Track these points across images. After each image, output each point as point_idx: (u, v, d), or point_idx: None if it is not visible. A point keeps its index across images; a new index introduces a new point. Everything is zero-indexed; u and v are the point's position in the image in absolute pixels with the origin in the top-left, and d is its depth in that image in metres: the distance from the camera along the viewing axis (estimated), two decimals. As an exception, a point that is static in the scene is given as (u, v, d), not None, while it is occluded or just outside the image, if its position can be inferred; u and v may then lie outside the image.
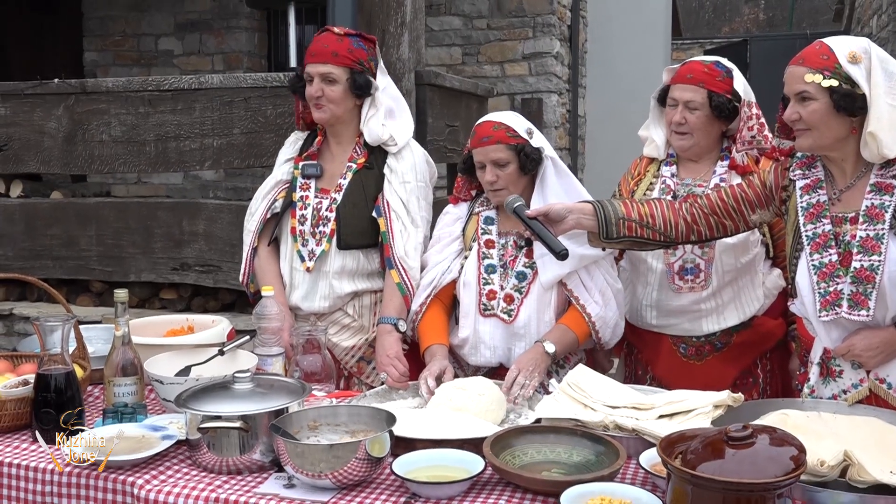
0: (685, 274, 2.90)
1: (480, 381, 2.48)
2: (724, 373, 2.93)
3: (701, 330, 2.94)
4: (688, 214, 2.62)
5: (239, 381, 2.21)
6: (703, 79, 2.88)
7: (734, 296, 2.91)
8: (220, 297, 4.90)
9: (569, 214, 2.62)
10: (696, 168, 2.98)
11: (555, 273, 2.76)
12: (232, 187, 8.14)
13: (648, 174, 3.05)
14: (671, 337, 2.99)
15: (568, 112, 9.00)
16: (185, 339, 2.84)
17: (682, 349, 2.99)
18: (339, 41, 2.97)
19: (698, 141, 2.92)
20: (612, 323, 2.83)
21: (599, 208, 2.63)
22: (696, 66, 2.92)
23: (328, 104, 2.97)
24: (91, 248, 4.94)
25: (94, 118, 4.84)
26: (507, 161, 2.78)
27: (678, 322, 2.96)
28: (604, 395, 2.33)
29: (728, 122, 2.92)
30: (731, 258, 2.86)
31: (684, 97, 2.89)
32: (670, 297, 2.94)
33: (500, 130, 2.79)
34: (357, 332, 3.05)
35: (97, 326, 3.17)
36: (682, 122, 2.90)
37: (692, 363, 2.98)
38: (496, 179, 2.79)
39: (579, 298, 2.79)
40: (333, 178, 3.05)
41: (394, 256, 2.93)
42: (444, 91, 4.83)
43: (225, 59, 8.54)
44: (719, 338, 2.95)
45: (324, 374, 2.66)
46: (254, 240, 3.09)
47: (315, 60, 2.95)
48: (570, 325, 2.77)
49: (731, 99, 2.87)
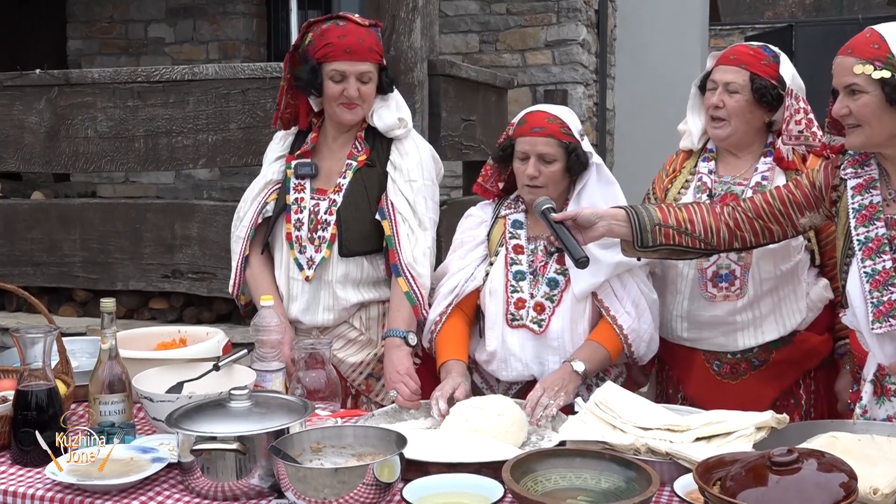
0: (719, 281, 2.89)
1: (499, 400, 2.48)
2: (761, 393, 2.90)
3: (736, 345, 2.93)
4: (730, 219, 2.61)
5: (235, 398, 2.22)
6: (746, 60, 2.87)
7: (773, 307, 2.89)
8: (215, 307, 4.92)
9: (599, 221, 2.62)
10: (737, 163, 2.97)
11: (588, 282, 2.76)
12: (228, 187, 8.17)
13: (684, 171, 3.04)
14: (704, 352, 2.98)
15: (595, 105, 8.99)
16: (176, 352, 2.85)
17: (715, 366, 2.97)
18: (368, 34, 2.96)
19: (736, 129, 2.90)
20: (646, 336, 2.83)
21: (633, 214, 2.62)
22: (740, 48, 2.93)
23: (362, 104, 2.98)
24: (75, 254, 4.97)
25: (79, 112, 4.87)
26: (555, 158, 2.78)
27: (711, 335, 2.95)
28: (635, 416, 2.33)
29: (771, 112, 2.91)
30: (769, 265, 2.85)
31: (724, 78, 2.88)
32: (703, 306, 2.92)
33: (556, 124, 2.80)
34: (364, 346, 3.05)
35: (81, 339, 3.18)
36: (720, 106, 2.88)
37: (726, 382, 2.96)
38: (538, 175, 2.79)
39: (610, 309, 2.78)
40: (331, 178, 3.05)
41: (401, 263, 2.93)
42: (460, 82, 4.84)
43: (221, 48, 8.57)
44: (757, 354, 2.93)
45: (328, 392, 2.66)
46: (244, 247, 3.09)
47: (353, 58, 2.91)
48: (601, 340, 2.77)
49: (775, 84, 2.86)
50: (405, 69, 4.27)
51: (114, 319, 2.40)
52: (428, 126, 4.46)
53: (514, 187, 2.95)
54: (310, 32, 2.98)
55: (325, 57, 2.92)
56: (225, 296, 4.72)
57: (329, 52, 2.91)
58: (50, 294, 5.10)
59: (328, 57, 2.92)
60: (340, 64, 2.91)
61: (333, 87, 2.93)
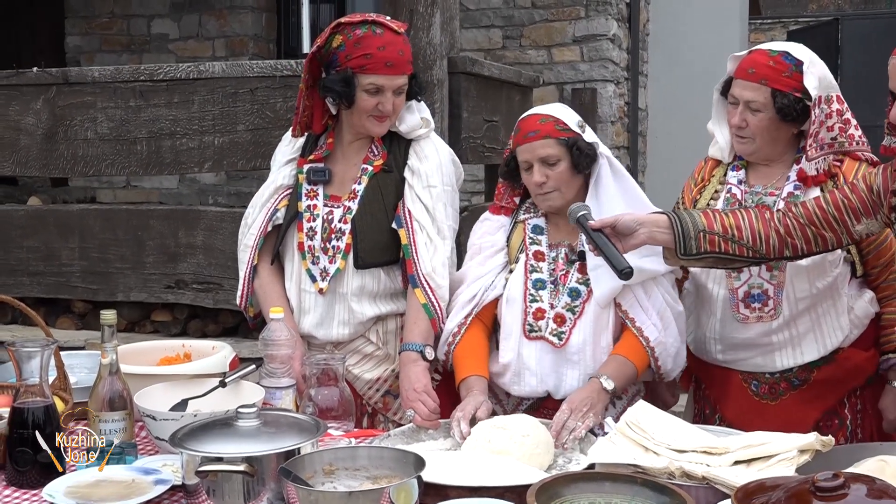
0: (751, 301, 2.88)
1: (524, 420, 2.48)
2: (803, 414, 2.88)
3: (774, 365, 2.91)
4: (781, 226, 2.60)
5: (243, 417, 2.23)
6: (766, 74, 2.81)
7: (812, 325, 2.87)
8: (221, 319, 4.94)
9: (640, 227, 2.61)
10: (768, 173, 2.95)
11: (610, 287, 2.76)
12: (235, 192, 8.20)
13: (714, 179, 3.03)
14: (741, 373, 2.97)
15: (627, 105, 8.98)
16: (181, 368, 2.86)
17: (753, 387, 2.96)
18: (405, 44, 2.96)
19: (761, 147, 2.88)
20: (672, 350, 2.82)
21: (676, 220, 2.62)
22: (759, 59, 2.84)
23: (392, 116, 2.99)
24: (73, 263, 5.00)
25: (78, 113, 4.90)
26: (558, 158, 2.79)
27: (748, 356, 2.93)
28: (669, 437, 2.32)
29: (799, 123, 2.88)
30: (804, 283, 2.82)
31: (745, 96, 2.83)
32: (736, 328, 2.91)
33: (549, 123, 2.81)
34: (381, 361, 3.06)
35: (80, 353, 3.20)
36: (743, 126, 2.86)
37: (766, 403, 2.94)
38: (545, 180, 2.80)
39: (635, 320, 2.78)
40: (345, 184, 3.05)
41: (418, 274, 2.93)
42: (482, 80, 4.85)
43: (228, 45, 8.62)
44: (797, 374, 2.91)
45: (341, 410, 2.67)
46: (252, 256, 3.10)
47: (393, 72, 2.91)
48: (627, 354, 2.76)
49: (800, 98, 2.82)
50: (424, 67, 4.28)
51: (114, 332, 2.41)
52: (448, 127, 4.47)
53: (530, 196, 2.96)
54: (339, 35, 2.93)
55: (362, 68, 2.90)
56: (231, 307, 4.73)
57: (367, 64, 2.89)
58: (47, 305, 5.13)
59: (366, 69, 2.90)
60: (379, 78, 2.90)
61: (368, 99, 2.93)
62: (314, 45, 3.00)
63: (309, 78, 3.01)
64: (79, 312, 5.15)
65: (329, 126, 3.12)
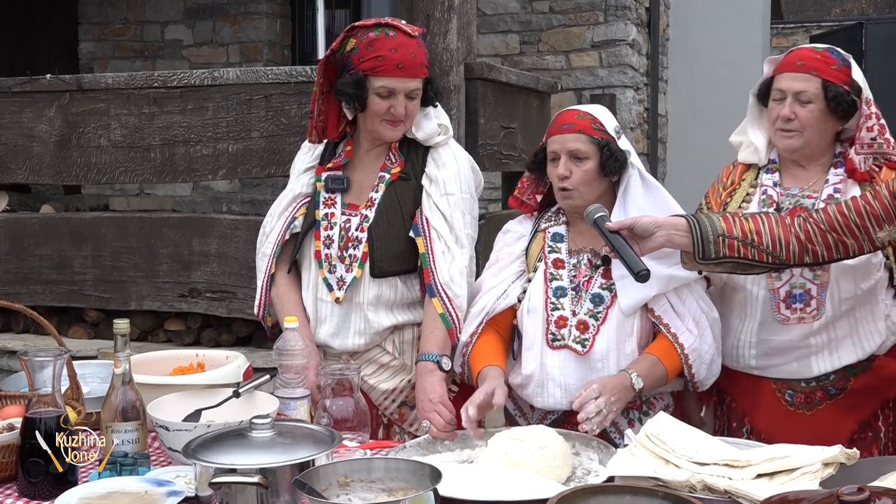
0: (793, 302, 2.86)
1: (541, 431, 2.47)
2: (839, 425, 2.86)
3: (811, 371, 2.89)
4: (801, 231, 2.60)
5: (257, 428, 2.23)
6: (816, 66, 2.83)
7: (851, 329, 2.86)
8: (235, 328, 4.96)
9: (658, 230, 2.62)
10: (804, 175, 2.94)
11: (637, 296, 2.75)
12: (249, 200, 8.23)
13: (745, 183, 3.02)
14: (774, 381, 2.95)
15: (646, 111, 8.98)
16: (194, 378, 2.87)
17: (787, 396, 2.94)
18: (419, 47, 2.96)
19: (809, 141, 2.87)
20: (707, 358, 2.81)
21: (694, 223, 2.62)
22: (806, 53, 2.87)
23: (406, 121, 2.99)
24: (86, 271, 5.02)
25: (91, 120, 4.93)
26: (587, 155, 2.79)
27: (783, 362, 2.91)
28: (690, 449, 2.31)
29: (844, 120, 2.88)
30: (849, 283, 2.82)
31: (794, 87, 2.84)
32: (775, 330, 2.89)
33: (586, 120, 2.82)
34: (397, 371, 3.06)
35: (93, 363, 3.21)
36: (792, 118, 2.86)
37: (801, 413, 2.92)
38: (569, 174, 2.80)
39: (670, 326, 2.77)
40: (363, 192, 3.06)
41: (436, 283, 2.93)
42: (499, 86, 4.86)
43: (242, 51, 8.66)
44: (834, 382, 2.89)
45: (356, 421, 2.67)
46: (270, 265, 3.11)
47: (404, 75, 2.91)
48: (660, 355, 2.75)
49: (849, 91, 2.83)
50: (440, 73, 4.30)
51: (127, 342, 2.42)
52: (465, 134, 4.48)
53: (554, 200, 2.96)
54: (352, 38, 2.94)
55: (373, 70, 2.90)
56: (245, 317, 4.75)
57: (379, 66, 2.90)
58: (59, 314, 5.16)
59: (377, 71, 2.90)
60: (391, 80, 2.90)
61: (379, 102, 2.93)
62: (329, 49, 3.01)
63: (324, 82, 3.02)
64: (91, 321, 5.18)
65: (348, 133, 3.12)
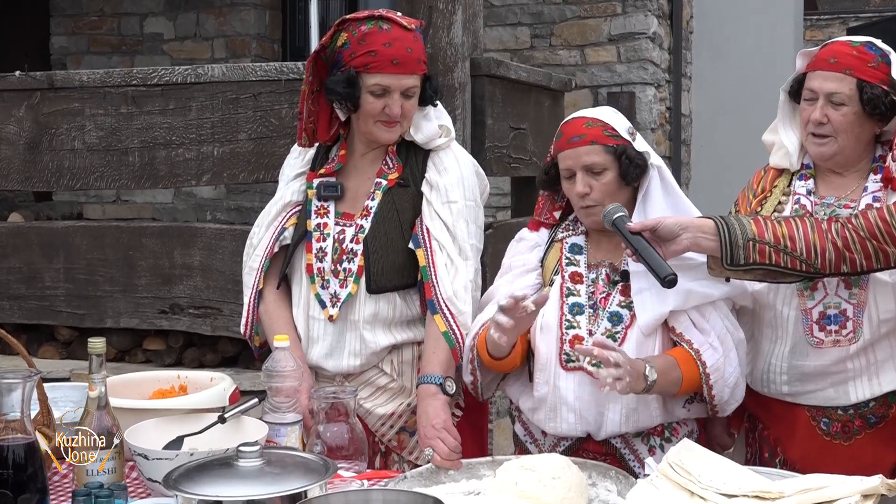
0: (827, 323, 2.85)
1: (554, 460, 2.47)
2: (880, 456, 2.85)
3: (848, 398, 2.88)
4: (839, 238, 2.60)
5: (244, 456, 2.23)
6: (851, 64, 2.82)
7: (893, 351, 2.85)
8: (220, 348, 4.95)
9: (683, 232, 2.63)
10: (841, 183, 2.94)
11: (655, 313, 2.75)
12: (235, 207, 8.23)
13: (776, 190, 3.02)
14: (809, 409, 2.94)
15: (668, 110, 8.98)
16: (176, 401, 2.87)
17: (823, 424, 2.93)
18: (416, 41, 2.96)
19: (843, 147, 2.87)
20: (731, 380, 2.80)
21: (723, 226, 2.62)
22: (841, 49, 2.86)
23: (403, 121, 2.99)
24: (58, 286, 5.03)
25: (64, 121, 4.94)
26: (604, 167, 2.79)
27: (818, 388, 2.90)
28: (717, 480, 2.31)
29: (883, 122, 2.88)
30: (889, 302, 2.80)
31: (826, 88, 2.84)
32: (808, 353, 2.88)
33: (596, 128, 2.81)
34: (396, 395, 3.06)
35: (65, 385, 3.21)
36: (824, 122, 2.85)
37: (837, 444, 2.91)
38: (589, 191, 2.80)
39: (692, 342, 2.76)
40: (358, 200, 3.06)
41: (438, 299, 2.93)
42: (508, 84, 4.86)
43: (228, 45, 8.66)
44: (874, 409, 2.88)
45: (353, 449, 2.67)
46: (258, 280, 3.11)
47: (399, 71, 2.91)
48: (678, 359, 2.73)
49: (888, 91, 2.82)
50: (444, 69, 4.30)
51: (103, 362, 2.42)
52: (470, 136, 4.48)
53: (572, 209, 2.96)
54: (343, 32, 2.95)
55: (366, 67, 2.91)
56: (231, 335, 4.75)
57: (372, 62, 2.90)
58: (29, 332, 5.15)
59: (370, 67, 2.91)
60: (385, 77, 2.91)
61: (373, 102, 2.93)
62: (318, 45, 3.02)
63: (314, 81, 3.02)
64: (64, 340, 5.18)
65: (341, 136, 3.13)
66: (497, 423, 4.77)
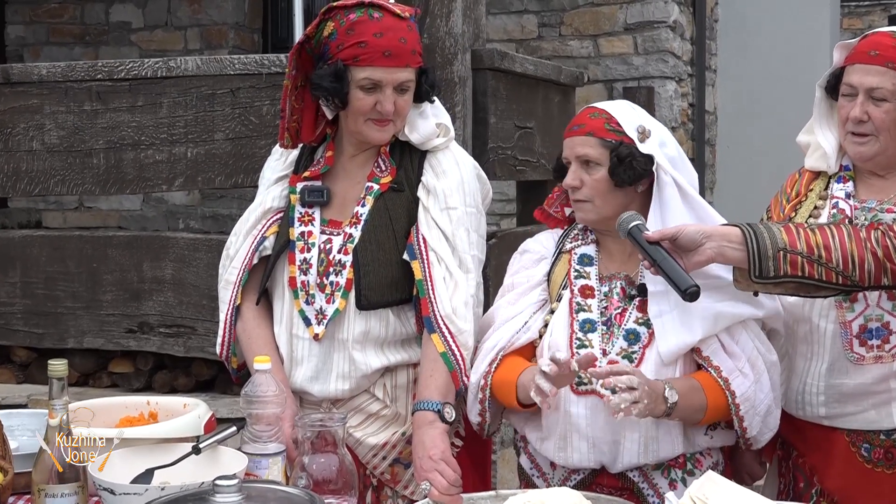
0: (868, 337, 2.87)
1: (565, 496, 2.47)
2: None
3: (892, 421, 2.90)
4: (879, 247, 2.61)
5: (221, 491, 2.23)
6: (893, 56, 2.84)
7: None
8: (194, 370, 4.95)
9: (706, 241, 2.63)
10: (883, 186, 2.95)
11: (679, 342, 2.75)
12: (211, 215, 8.24)
13: (812, 194, 3.04)
14: (848, 433, 2.95)
15: (690, 107, 8.99)
16: (145, 430, 2.87)
17: (864, 451, 2.95)
18: (410, 31, 2.97)
19: (885, 147, 2.88)
20: (762, 408, 2.80)
21: (751, 235, 2.63)
22: (882, 40, 2.88)
23: (396, 120, 3.00)
24: (14, 302, 5.03)
25: (21, 119, 4.94)
26: (597, 161, 2.82)
27: (858, 410, 2.92)
28: (745, 517, 2.32)
29: None
30: None
31: (866, 83, 2.85)
32: (847, 371, 2.90)
33: (599, 119, 2.84)
34: (389, 422, 3.06)
35: (22, 412, 3.22)
36: (864, 120, 2.87)
37: (880, 472, 2.92)
38: (579, 185, 2.83)
39: (721, 369, 2.76)
40: (347, 206, 3.07)
41: (436, 316, 2.93)
42: (514, 78, 4.87)
43: (203, 35, 8.68)
44: None
45: (341, 483, 2.67)
46: (235, 295, 3.11)
47: (392, 63, 2.92)
48: (703, 384, 2.74)
49: None
50: (442, 62, 4.31)
51: (65, 387, 2.43)
52: (471, 135, 4.49)
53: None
54: (330, 21, 2.95)
55: (355, 59, 2.91)
56: (207, 356, 4.75)
57: (361, 54, 2.90)
58: (-19, 354, 5.16)
59: (360, 60, 2.91)
60: (375, 70, 2.91)
61: (363, 97, 2.94)
62: (303, 35, 3.02)
63: (298, 75, 3.03)
64: (20, 362, 5.17)
65: (328, 136, 3.13)
66: (501, 453, 4.77)
